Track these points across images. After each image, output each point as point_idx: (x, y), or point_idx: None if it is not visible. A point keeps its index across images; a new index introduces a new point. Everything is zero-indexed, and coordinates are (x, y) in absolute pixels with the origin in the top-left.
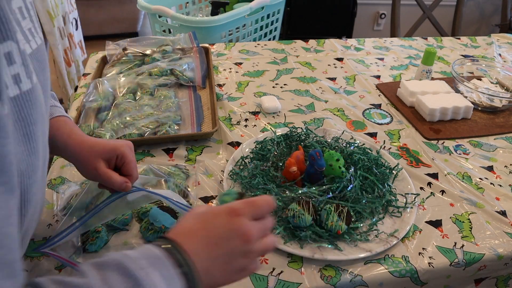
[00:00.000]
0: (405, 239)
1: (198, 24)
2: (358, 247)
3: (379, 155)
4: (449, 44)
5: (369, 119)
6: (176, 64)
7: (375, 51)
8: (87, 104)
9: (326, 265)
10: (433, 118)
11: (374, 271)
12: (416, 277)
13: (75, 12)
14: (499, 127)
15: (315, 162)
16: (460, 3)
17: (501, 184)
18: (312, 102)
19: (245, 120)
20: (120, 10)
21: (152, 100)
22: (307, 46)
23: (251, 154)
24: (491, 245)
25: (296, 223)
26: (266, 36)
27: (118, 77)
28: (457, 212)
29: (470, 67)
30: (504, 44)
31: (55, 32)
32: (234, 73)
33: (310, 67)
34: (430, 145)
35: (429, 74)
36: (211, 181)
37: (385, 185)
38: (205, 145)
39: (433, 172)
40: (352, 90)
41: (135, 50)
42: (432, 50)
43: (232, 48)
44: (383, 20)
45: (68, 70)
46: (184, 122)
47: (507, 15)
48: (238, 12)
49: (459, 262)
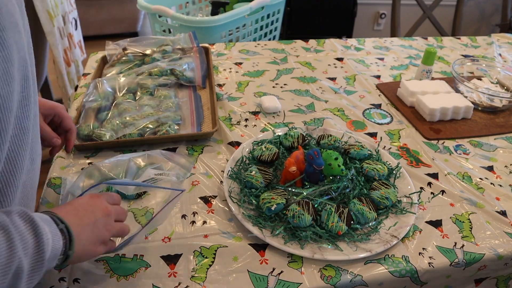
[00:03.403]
0: (405, 239)
1: (198, 24)
2: (358, 247)
3: (378, 154)
4: (449, 44)
5: (369, 119)
6: (176, 64)
7: (375, 51)
8: (87, 104)
9: (326, 265)
10: (433, 118)
11: (374, 271)
12: (416, 277)
13: (75, 12)
14: (499, 127)
15: (313, 161)
16: (460, 3)
17: (501, 184)
18: (312, 102)
19: (245, 120)
20: (120, 10)
21: (152, 100)
22: (307, 46)
23: (249, 154)
24: (491, 245)
25: (296, 223)
26: (266, 36)
27: (118, 77)
28: (457, 212)
29: (470, 67)
30: (504, 44)
31: (55, 32)
32: (234, 73)
33: (310, 67)
34: (430, 145)
35: (429, 74)
36: (211, 181)
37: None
38: (205, 145)
39: (433, 172)
40: (352, 90)
41: (135, 50)
42: (432, 50)
43: (232, 48)
44: (383, 20)
45: (68, 70)
46: (184, 122)
47: (507, 15)
48: (238, 12)
49: (459, 262)
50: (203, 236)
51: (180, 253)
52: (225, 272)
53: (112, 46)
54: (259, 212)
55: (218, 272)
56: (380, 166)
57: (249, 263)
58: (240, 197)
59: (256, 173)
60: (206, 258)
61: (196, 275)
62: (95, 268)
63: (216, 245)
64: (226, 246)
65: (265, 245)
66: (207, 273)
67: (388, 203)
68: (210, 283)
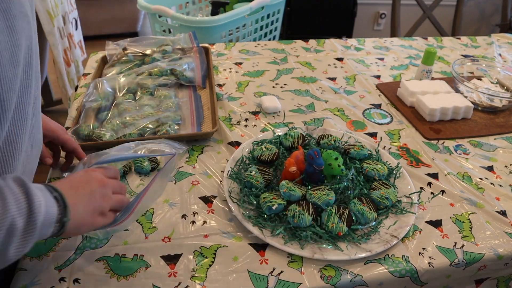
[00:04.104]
0: (405, 239)
1: (198, 24)
2: (358, 247)
3: (378, 154)
4: (449, 44)
5: (369, 119)
6: (176, 64)
7: (375, 51)
8: (87, 104)
9: (326, 265)
10: (433, 118)
11: (374, 271)
12: (416, 277)
13: (75, 12)
14: (499, 127)
15: (314, 161)
16: (460, 3)
17: (501, 184)
18: (312, 102)
19: (245, 120)
20: (120, 10)
21: (152, 100)
22: (307, 46)
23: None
24: (491, 245)
25: (296, 223)
26: (266, 36)
27: (118, 77)
28: (457, 212)
29: (470, 67)
30: (504, 44)
31: (55, 32)
32: (234, 73)
33: (310, 67)
34: (430, 145)
35: (429, 74)
36: (211, 181)
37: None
38: (205, 144)
39: (433, 172)
40: (352, 90)
41: (135, 50)
42: (432, 50)
43: (232, 48)
44: (383, 20)
45: (68, 70)
46: (184, 122)
47: (507, 15)
48: (238, 12)
49: (459, 262)
50: (203, 236)
51: (180, 253)
52: (225, 272)
53: (112, 46)
54: (259, 212)
55: (218, 272)
56: (380, 166)
57: (249, 263)
58: (240, 197)
59: (256, 173)
60: (206, 258)
61: (196, 275)
62: (95, 268)
63: (216, 245)
64: (226, 246)
65: (265, 245)
66: (207, 273)
67: (388, 203)
68: (210, 283)
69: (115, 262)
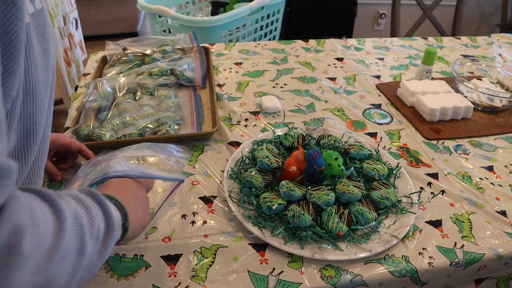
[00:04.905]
0: (405, 239)
1: (198, 24)
2: (358, 247)
3: (378, 154)
4: (449, 44)
5: (369, 119)
6: (176, 64)
7: (375, 51)
8: (87, 104)
9: (326, 265)
10: (433, 118)
11: (374, 271)
12: (416, 277)
13: (75, 12)
14: (499, 127)
15: (314, 161)
16: (460, 3)
17: (501, 184)
18: (312, 102)
19: (245, 120)
20: (120, 10)
21: (152, 100)
22: (307, 46)
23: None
24: (491, 245)
25: (296, 223)
26: (266, 36)
27: (118, 77)
28: (457, 212)
29: (470, 67)
30: (504, 44)
31: (55, 32)
32: (234, 73)
33: (310, 67)
34: (430, 145)
35: (429, 74)
36: (211, 181)
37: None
38: (205, 144)
39: (433, 172)
40: (352, 90)
41: (135, 50)
42: (432, 50)
43: (232, 48)
44: (383, 20)
45: (68, 70)
46: (184, 122)
47: (507, 15)
48: (238, 12)
49: (459, 262)
50: (203, 236)
51: (180, 253)
52: (225, 272)
53: (112, 46)
54: (259, 212)
55: (218, 272)
56: (380, 166)
57: (249, 263)
58: (240, 197)
59: (256, 173)
60: (206, 258)
61: (196, 275)
62: None
63: (216, 245)
64: (226, 246)
65: (265, 245)
66: (207, 273)
67: (388, 203)
68: (210, 283)
69: (115, 262)
